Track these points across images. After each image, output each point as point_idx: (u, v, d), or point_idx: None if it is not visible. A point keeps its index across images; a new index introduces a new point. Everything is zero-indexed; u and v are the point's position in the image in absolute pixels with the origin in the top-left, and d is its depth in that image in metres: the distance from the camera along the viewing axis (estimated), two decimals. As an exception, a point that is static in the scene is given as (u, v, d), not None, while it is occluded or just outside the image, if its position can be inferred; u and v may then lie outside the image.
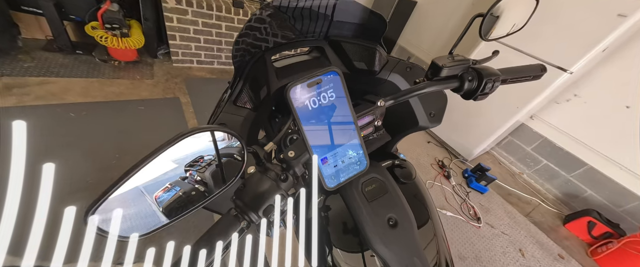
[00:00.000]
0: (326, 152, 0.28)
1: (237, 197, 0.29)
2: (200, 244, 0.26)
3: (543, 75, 0.50)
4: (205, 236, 0.27)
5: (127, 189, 0.28)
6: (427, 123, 0.66)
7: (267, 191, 0.29)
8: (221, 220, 0.28)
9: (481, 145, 2.09)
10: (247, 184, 0.30)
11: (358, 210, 0.53)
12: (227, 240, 0.27)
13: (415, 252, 0.51)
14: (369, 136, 0.55)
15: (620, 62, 1.60)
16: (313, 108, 0.25)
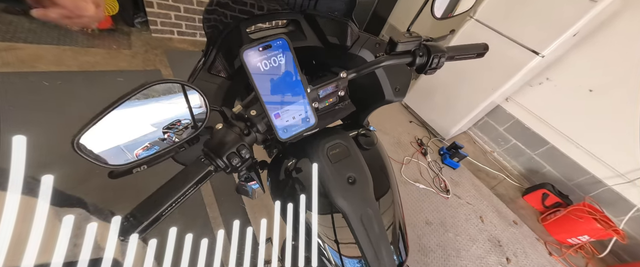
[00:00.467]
0: (279, 108, 0.33)
1: (206, 146, 0.34)
2: (173, 182, 0.31)
3: (485, 53, 0.55)
4: (179, 176, 0.32)
5: (108, 146, 0.32)
6: (392, 97, 0.71)
7: (230, 141, 0.34)
8: (192, 164, 0.33)
9: (458, 124, 2.21)
10: (214, 136, 0.35)
11: (322, 170, 0.60)
12: (196, 179, 0.32)
13: (369, 204, 0.60)
14: (335, 106, 0.60)
15: (590, 48, 1.69)
16: (265, 70, 0.29)
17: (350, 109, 0.65)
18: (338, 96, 0.57)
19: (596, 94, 1.73)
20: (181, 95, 0.36)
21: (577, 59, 1.76)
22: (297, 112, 0.35)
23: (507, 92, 2.01)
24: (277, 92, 0.32)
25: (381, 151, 0.71)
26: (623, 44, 1.58)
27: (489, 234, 1.65)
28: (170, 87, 0.36)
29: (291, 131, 0.36)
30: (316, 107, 0.54)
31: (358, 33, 0.68)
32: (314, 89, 0.49)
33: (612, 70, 1.65)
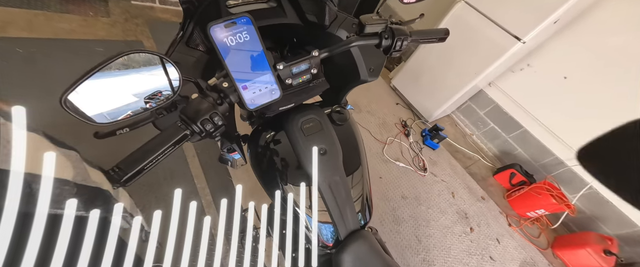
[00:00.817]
0: (246, 81, 0.38)
1: (182, 113, 0.38)
2: (153, 142, 0.36)
3: (447, 38, 0.60)
4: (158, 137, 0.36)
5: (94, 113, 0.36)
6: (366, 77, 0.76)
7: (203, 109, 0.38)
8: (170, 127, 0.37)
9: (441, 107, 2.29)
10: (189, 104, 0.39)
11: (295, 142, 0.66)
12: (173, 141, 0.37)
13: (337, 172, 0.67)
14: (309, 83, 0.64)
15: (569, 36, 1.75)
16: (232, 45, 0.33)
17: (324, 87, 0.69)
18: (311, 74, 0.61)
19: (569, 80, 1.83)
20: (160, 67, 0.39)
21: (557, 46, 1.82)
22: (263, 85, 0.39)
23: (489, 76, 2.08)
24: (244, 66, 0.36)
25: (353, 127, 0.77)
26: (599, 34, 1.64)
27: (458, 207, 1.81)
28: (150, 59, 0.39)
29: (258, 102, 0.40)
30: (289, 83, 0.58)
31: (336, 13, 0.70)
32: (286, 66, 0.53)
33: (587, 59, 1.73)
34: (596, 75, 1.71)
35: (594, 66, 1.70)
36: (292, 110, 0.70)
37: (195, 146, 1.39)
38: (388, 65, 2.90)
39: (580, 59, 1.75)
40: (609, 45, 1.63)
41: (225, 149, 0.77)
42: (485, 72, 1.89)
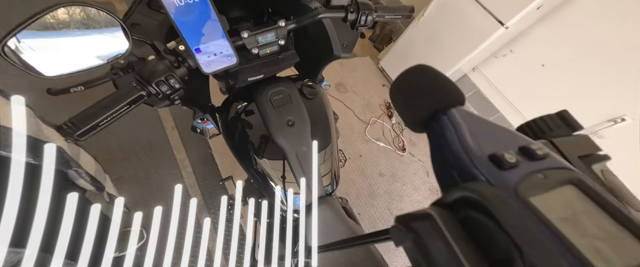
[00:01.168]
0: (198, 43, 0.38)
1: (136, 73, 0.39)
2: (107, 99, 0.37)
3: (412, 15, 0.61)
4: (112, 95, 0.37)
5: (41, 65, 0.36)
6: (339, 52, 0.76)
7: (159, 71, 0.39)
8: (125, 87, 0.38)
9: (425, 90, 2.34)
10: (145, 65, 0.40)
11: (264, 113, 0.68)
12: (128, 100, 0.38)
13: (305, 143, 0.70)
14: (278, 55, 0.65)
15: (551, 23, 1.78)
16: (180, 5, 0.33)
17: (293, 60, 0.70)
18: (279, 45, 0.61)
19: (546, 69, 1.89)
20: (114, 25, 0.39)
21: (538, 33, 1.85)
22: (218, 49, 0.40)
23: (473, 61, 2.11)
24: (196, 28, 0.36)
25: (324, 101, 0.80)
26: (581, 23, 1.68)
27: (431, 185, 1.94)
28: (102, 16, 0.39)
29: (215, 67, 0.42)
30: (256, 53, 0.58)
31: None
32: (251, 35, 0.53)
33: (565, 48, 1.78)
34: (572, 65, 1.77)
35: (572, 56, 1.76)
36: (262, 82, 0.71)
37: (174, 118, 1.38)
38: (377, 46, 2.87)
39: (560, 48, 1.80)
40: (589, 35, 1.67)
41: (198, 119, 0.78)
42: (469, 56, 1.92)
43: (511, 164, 0.15)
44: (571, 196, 0.15)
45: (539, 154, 0.16)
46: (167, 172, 1.26)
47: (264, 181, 0.73)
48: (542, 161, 0.16)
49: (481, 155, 0.16)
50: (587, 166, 0.20)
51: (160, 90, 0.39)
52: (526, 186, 0.15)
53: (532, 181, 0.15)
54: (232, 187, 1.24)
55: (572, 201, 0.15)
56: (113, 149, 1.22)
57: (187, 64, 0.42)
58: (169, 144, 1.32)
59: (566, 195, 0.15)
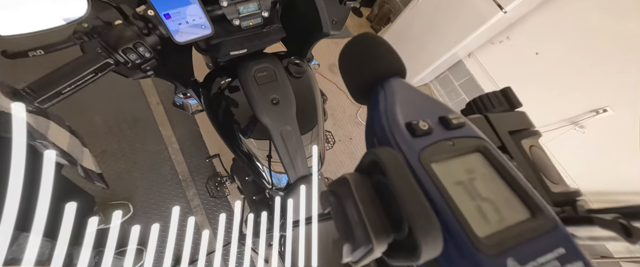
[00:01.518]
0: (167, 9, 0.36)
1: (101, 39, 0.37)
2: (70, 66, 0.35)
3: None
4: (75, 61, 0.35)
5: (8, 33, 0.33)
6: (329, 29, 0.73)
7: (126, 37, 0.37)
8: (89, 52, 0.36)
9: (420, 74, 2.31)
10: (111, 30, 0.37)
11: (248, 90, 0.66)
12: (93, 68, 0.36)
13: (289, 122, 0.70)
14: (262, 28, 0.62)
15: (551, 10, 1.74)
16: None
17: (279, 34, 0.67)
18: (263, 17, 0.58)
19: (540, 57, 1.89)
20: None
21: (537, 20, 1.82)
22: (190, 17, 0.38)
23: (469, 46, 2.08)
24: (164, -9, 0.33)
25: (311, 81, 0.78)
26: (580, 11, 1.65)
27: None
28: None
29: (187, 36, 0.39)
30: (238, 24, 0.55)
31: None
32: (231, 4, 0.50)
33: (561, 37, 1.77)
34: (564, 54, 1.77)
35: (565, 45, 1.76)
36: (247, 56, 0.68)
37: (159, 93, 1.33)
38: (375, 26, 2.77)
39: (555, 37, 1.79)
40: (584, 26, 1.66)
41: (180, 93, 0.76)
42: (466, 40, 1.89)
43: (423, 131, 0.16)
44: (475, 163, 0.16)
45: (454, 123, 0.17)
46: (153, 148, 1.24)
47: (250, 160, 0.73)
48: (456, 130, 0.17)
49: (399, 122, 0.17)
50: (516, 140, 0.21)
51: (129, 59, 0.37)
52: (431, 152, 0.16)
53: (439, 147, 0.16)
54: (219, 164, 1.24)
55: (474, 167, 0.16)
56: (96, 122, 1.19)
57: (158, 32, 0.39)
58: (154, 120, 1.28)
59: (471, 161, 0.16)
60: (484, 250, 0.12)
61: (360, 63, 0.23)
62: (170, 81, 0.65)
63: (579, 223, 0.16)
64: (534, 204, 0.14)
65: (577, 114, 1.75)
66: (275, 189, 0.79)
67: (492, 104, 0.25)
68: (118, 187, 1.10)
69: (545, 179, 0.20)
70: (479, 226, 0.13)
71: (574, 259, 0.13)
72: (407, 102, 0.19)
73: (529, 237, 0.13)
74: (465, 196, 0.14)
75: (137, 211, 1.09)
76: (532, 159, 0.21)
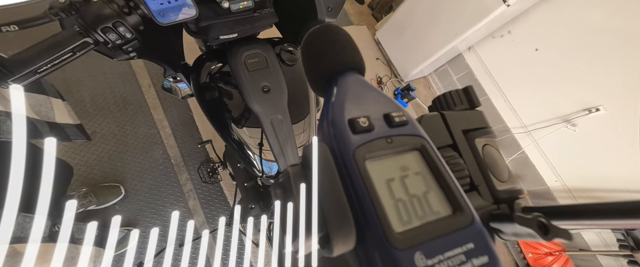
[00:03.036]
0: (148, -14, 0.34)
1: (79, 16, 0.35)
2: (45, 43, 0.33)
3: None
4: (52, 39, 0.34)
5: None
6: (324, 16, 0.71)
7: (104, 15, 0.35)
8: (66, 30, 0.34)
9: (418, 67, 2.29)
10: (89, 7, 0.35)
11: (238, 76, 0.65)
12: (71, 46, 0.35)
13: (280, 110, 0.69)
14: (254, 12, 0.59)
15: (553, 5, 1.71)
16: None
17: (271, 19, 0.65)
18: (254, 1, 0.56)
19: (539, 53, 1.87)
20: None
21: (539, 15, 1.79)
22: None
23: (470, 39, 2.05)
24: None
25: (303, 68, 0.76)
26: (582, 7, 1.63)
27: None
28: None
29: (170, 17, 0.38)
30: (227, 6, 0.53)
31: None
32: (219, -18, 0.48)
33: (563, 33, 1.75)
34: (564, 51, 1.76)
35: (565, 42, 1.74)
36: (237, 41, 0.66)
37: (151, 76, 1.30)
38: (376, 15, 2.70)
39: (556, 33, 1.76)
40: (587, 21, 1.63)
41: (169, 77, 0.74)
42: (467, 33, 1.85)
43: (363, 128, 0.17)
44: (411, 161, 0.17)
45: (397, 121, 0.18)
46: (145, 131, 1.23)
47: (241, 148, 0.73)
48: (397, 128, 0.18)
49: (343, 118, 0.17)
50: (469, 138, 0.21)
51: (108, 38, 0.35)
52: (366, 149, 0.16)
53: (375, 145, 0.17)
54: (211, 150, 1.24)
55: (409, 164, 0.17)
56: (85, 102, 1.16)
57: (140, 11, 0.38)
58: (145, 103, 1.26)
59: (406, 159, 0.17)
60: (396, 244, 0.13)
61: (319, 54, 0.22)
62: (158, 64, 0.63)
63: (503, 220, 0.17)
64: (456, 202, 0.15)
65: (570, 112, 1.76)
66: (266, 176, 0.79)
67: (453, 102, 0.25)
68: (109, 169, 1.10)
69: (492, 177, 0.21)
70: (397, 222, 0.14)
71: (481, 254, 0.14)
72: (357, 97, 0.19)
73: (442, 233, 0.14)
74: (391, 193, 0.15)
75: (128, 194, 1.10)
76: (482, 157, 0.21)
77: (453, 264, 0.13)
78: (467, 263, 0.13)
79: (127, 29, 0.36)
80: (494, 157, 0.22)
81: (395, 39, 2.34)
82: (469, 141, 0.22)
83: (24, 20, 0.34)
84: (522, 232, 0.16)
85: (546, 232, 0.14)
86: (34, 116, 0.46)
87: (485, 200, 0.20)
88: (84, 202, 0.98)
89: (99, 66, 1.20)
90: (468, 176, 0.20)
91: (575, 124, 1.76)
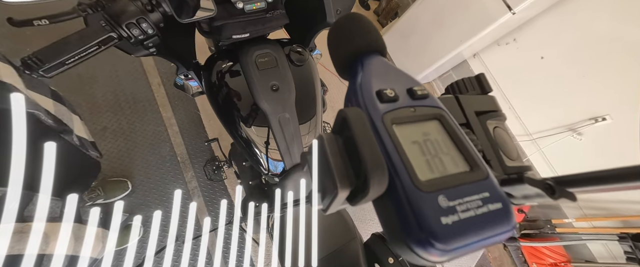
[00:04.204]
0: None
1: (105, 12, 0.37)
2: (73, 37, 0.35)
3: None
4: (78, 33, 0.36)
5: None
6: (333, 19, 0.73)
7: (129, 12, 0.38)
8: (93, 25, 0.37)
9: (423, 72, 2.30)
10: (115, 4, 0.38)
11: (248, 74, 0.67)
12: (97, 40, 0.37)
13: (288, 109, 0.70)
14: (266, 13, 0.62)
15: (559, 14, 1.72)
16: None
17: (282, 20, 0.67)
18: (267, 2, 0.58)
19: (545, 61, 1.87)
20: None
21: (545, 23, 1.80)
22: (193, -5, 0.38)
23: (475, 46, 2.06)
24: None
25: (312, 70, 0.78)
26: (589, 17, 1.63)
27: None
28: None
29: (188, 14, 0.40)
30: (241, 7, 0.55)
31: None
32: (235, -16, 0.50)
33: (569, 42, 1.75)
34: (570, 60, 1.76)
35: (571, 51, 1.74)
36: (248, 41, 0.68)
37: (161, 74, 1.33)
38: (381, 20, 2.74)
39: (562, 42, 1.77)
40: (593, 31, 1.64)
41: (181, 74, 0.76)
42: (472, 40, 1.87)
43: (390, 97, 0.19)
44: (432, 128, 0.19)
45: (419, 94, 0.20)
46: (153, 128, 1.25)
47: (248, 146, 0.74)
48: (419, 100, 0.20)
49: (371, 90, 0.19)
50: (482, 120, 0.23)
51: (132, 34, 0.38)
52: (394, 115, 0.18)
53: (401, 112, 0.19)
54: (217, 149, 1.26)
55: (430, 131, 0.19)
56: (97, 99, 1.20)
57: (161, 9, 0.40)
58: (154, 101, 1.29)
59: (428, 126, 0.19)
60: (422, 188, 0.15)
61: (346, 38, 0.24)
62: (172, 61, 0.65)
63: (514, 183, 0.19)
64: (473, 161, 0.17)
65: (576, 121, 1.75)
66: (271, 174, 0.81)
67: (466, 87, 0.28)
68: (117, 164, 1.12)
69: (502, 155, 0.22)
70: (423, 172, 0.16)
71: (495, 201, 0.16)
72: (382, 74, 0.21)
73: (461, 182, 0.16)
74: (416, 151, 0.17)
75: (135, 189, 1.12)
76: (493, 137, 0.23)
77: (471, 207, 0.15)
78: (484, 207, 0.15)
79: (149, 25, 0.38)
80: (503, 138, 0.23)
81: (401, 44, 2.36)
82: (481, 121, 0.23)
83: (54, 15, 0.36)
84: (531, 193, 0.17)
85: (553, 192, 0.16)
86: (61, 118, 0.49)
87: (497, 172, 0.22)
88: (92, 196, 1.01)
89: (111, 64, 1.24)
90: (481, 150, 0.22)
91: (581, 133, 1.74)
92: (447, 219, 0.14)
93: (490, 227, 0.15)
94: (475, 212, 0.15)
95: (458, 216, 0.15)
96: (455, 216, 0.15)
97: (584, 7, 1.63)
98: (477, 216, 0.15)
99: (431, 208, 0.14)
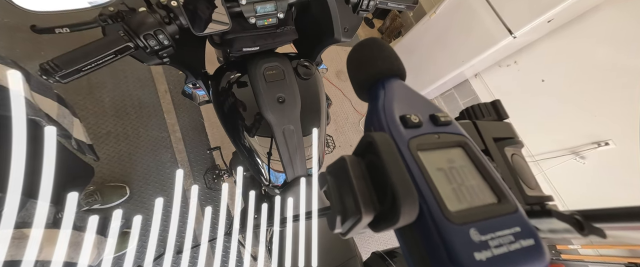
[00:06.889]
0: (190, 0, 0.38)
1: (125, 22, 0.39)
2: (92, 45, 0.37)
3: (415, 7, 0.61)
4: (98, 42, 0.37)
5: (33, 7, 0.35)
6: (340, 36, 0.75)
7: (148, 23, 0.39)
8: (112, 34, 0.38)
9: (424, 90, 2.34)
10: (135, 16, 0.39)
11: (256, 86, 0.68)
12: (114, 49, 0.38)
13: (292, 121, 0.71)
14: (276, 28, 0.64)
15: (560, 39, 1.77)
16: None
17: (292, 36, 0.69)
18: (278, 18, 0.60)
19: (545, 85, 1.90)
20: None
21: (545, 47, 1.84)
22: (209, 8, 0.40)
23: (477, 67, 2.10)
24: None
25: (318, 84, 0.80)
26: (589, 43, 1.67)
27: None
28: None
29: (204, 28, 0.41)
30: (253, 22, 0.57)
31: None
32: (250, 2, 0.52)
33: (568, 66, 1.78)
34: (571, 83, 1.78)
35: (572, 74, 1.77)
36: (257, 54, 0.70)
37: (168, 81, 1.36)
38: (386, 38, 2.82)
39: (563, 66, 1.80)
40: (591, 56, 1.67)
41: (190, 83, 0.78)
42: (474, 61, 1.91)
43: (414, 123, 0.19)
44: (456, 155, 0.19)
45: (442, 120, 0.20)
46: (156, 134, 1.26)
47: (250, 156, 0.74)
48: (443, 126, 0.20)
49: (395, 114, 0.19)
50: (500, 146, 0.23)
51: (148, 44, 0.39)
52: (419, 141, 0.18)
53: (426, 138, 0.19)
54: (218, 157, 1.25)
55: (455, 158, 0.18)
56: (104, 103, 1.21)
57: (178, 22, 0.41)
58: (160, 107, 1.31)
59: (452, 154, 0.19)
60: (452, 219, 0.15)
61: (367, 62, 0.25)
62: (182, 70, 0.67)
63: (541, 216, 0.18)
64: (500, 192, 0.17)
65: (578, 144, 1.75)
66: (272, 186, 0.80)
67: (482, 113, 0.27)
68: (117, 169, 1.12)
69: (522, 183, 0.22)
70: (451, 202, 0.16)
71: (527, 237, 0.15)
72: (404, 99, 0.21)
73: (492, 215, 0.15)
74: (443, 179, 0.17)
75: (133, 195, 1.10)
76: (512, 164, 0.22)
77: (504, 242, 0.14)
78: (516, 243, 0.15)
79: (166, 37, 0.40)
80: (522, 166, 0.23)
81: (403, 62, 2.40)
82: (500, 148, 0.23)
83: (75, 24, 0.38)
84: (559, 228, 0.17)
85: (582, 228, 0.16)
86: (62, 122, 0.49)
87: (519, 203, 0.21)
88: (89, 201, 0.99)
89: (121, 70, 1.27)
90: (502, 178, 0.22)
91: (584, 157, 1.73)
92: (480, 255, 0.14)
93: (524, 265, 0.14)
94: (508, 248, 0.14)
95: (491, 252, 0.14)
96: (488, 251, 0.14)
97: (583, 35, 1.68)
98: (510, 252, 0.14)
99: (464, 242, 0.14)
